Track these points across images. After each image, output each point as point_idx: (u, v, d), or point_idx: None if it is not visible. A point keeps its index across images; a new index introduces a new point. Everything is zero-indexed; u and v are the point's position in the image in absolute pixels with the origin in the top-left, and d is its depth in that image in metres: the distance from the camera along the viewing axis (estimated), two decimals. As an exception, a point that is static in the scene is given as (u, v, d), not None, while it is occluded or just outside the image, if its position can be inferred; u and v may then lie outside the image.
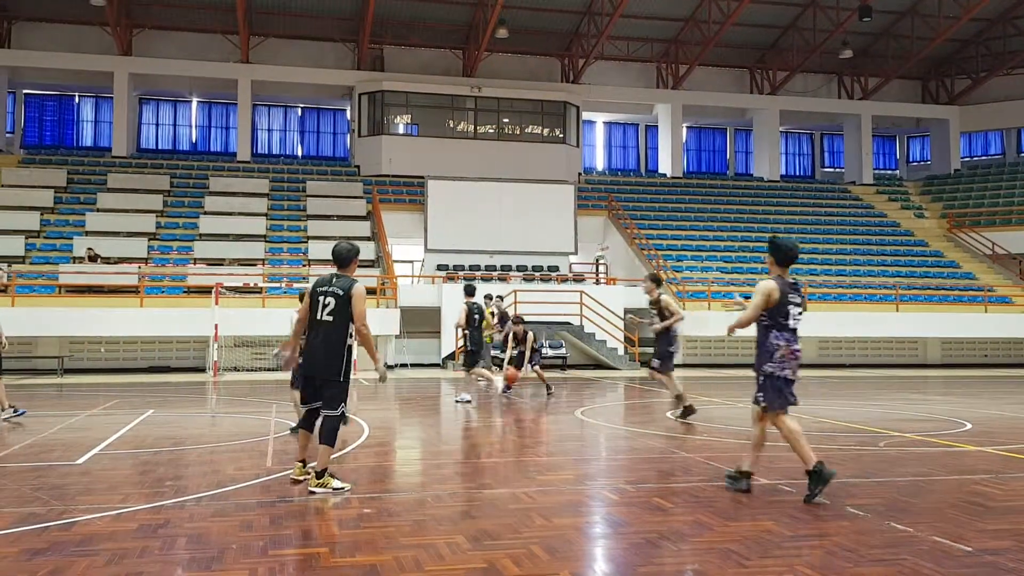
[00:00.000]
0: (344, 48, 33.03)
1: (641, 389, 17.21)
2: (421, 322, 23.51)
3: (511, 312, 17.67)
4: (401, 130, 32.57)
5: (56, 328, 20.55)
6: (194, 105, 34.32)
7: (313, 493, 6.55)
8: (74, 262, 23.36)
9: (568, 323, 23.64)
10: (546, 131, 33.33)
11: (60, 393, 16.05)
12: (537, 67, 34.66)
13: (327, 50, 32.93)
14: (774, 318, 6.45)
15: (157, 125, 34.12)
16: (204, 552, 4.98)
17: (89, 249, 23.29)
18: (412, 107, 32.38)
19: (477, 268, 26.92)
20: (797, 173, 40.23)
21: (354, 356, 7.16)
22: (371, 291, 23.09)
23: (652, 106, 36.45)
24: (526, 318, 23.12)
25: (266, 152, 34.43)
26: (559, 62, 34.94)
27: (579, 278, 27.48)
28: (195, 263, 24.39)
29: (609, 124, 38.34)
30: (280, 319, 20.85)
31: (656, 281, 11.47)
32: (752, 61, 36.38)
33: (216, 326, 19.88)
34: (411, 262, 30.14)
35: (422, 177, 29.23)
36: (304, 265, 25.17)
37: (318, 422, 6.82)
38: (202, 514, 5.95)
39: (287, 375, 13.48)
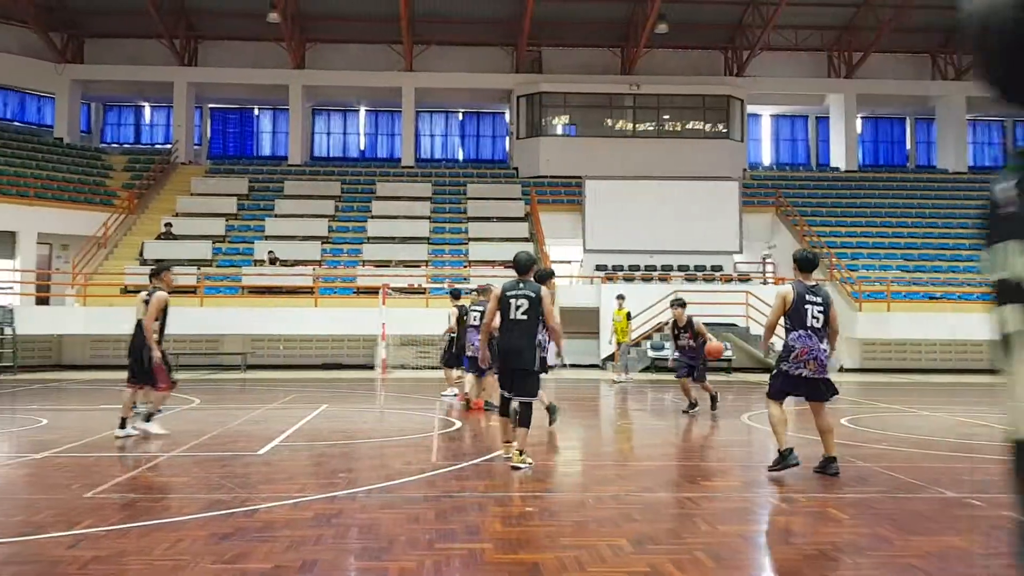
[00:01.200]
0: (502, 52, 33.54)
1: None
2: (580, 323, 23.44)
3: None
4: (559, 131, 32.68)
5: (239, 327, 21.94)
6: (362, 114, 35.85)
7: (516, 468, 7.40)
8: (255, 265, 24.89)
9: (733, 324, 22.92)
10: (708, 126, 32.52)
11: (243, 388, 17.12)
12: (699, 61, 33.90)
13: (486, 55, 33.55)
14: (791, 320, 7.20)
15: (328, 134, 35.89)
16: (374, 543, 5.13)
17: (270, 252, 24.77)
18: (570, 107, 32.43)
19: (637, 268, 26.60)
20: (986, 164, 37.27)
21: (545, 348, 7.94)
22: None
23: (823, 97, 34.79)
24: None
25: (429, 157, 35.48)
26: (722, 55, 34.03)
27: (744, 278, 26.60)
28: (364, 265, 25.42)
29: (776, 117, 36.93)
30: (441, 319, 21.54)
31: (682, 305, 12.72)
32: (935, 45, 34.04)
33: (383, 325, 20.62)
34: (569, 263, 30.15)
35: (580, 177, 29.20)
36: (465, 266, 25.71)
37: (513, 406, 7.74)
38: (372, 506, 6.14)
39: (456, 373, 13.71)
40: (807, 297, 7.16)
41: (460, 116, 35.96)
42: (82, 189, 28.53)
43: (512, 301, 7.60)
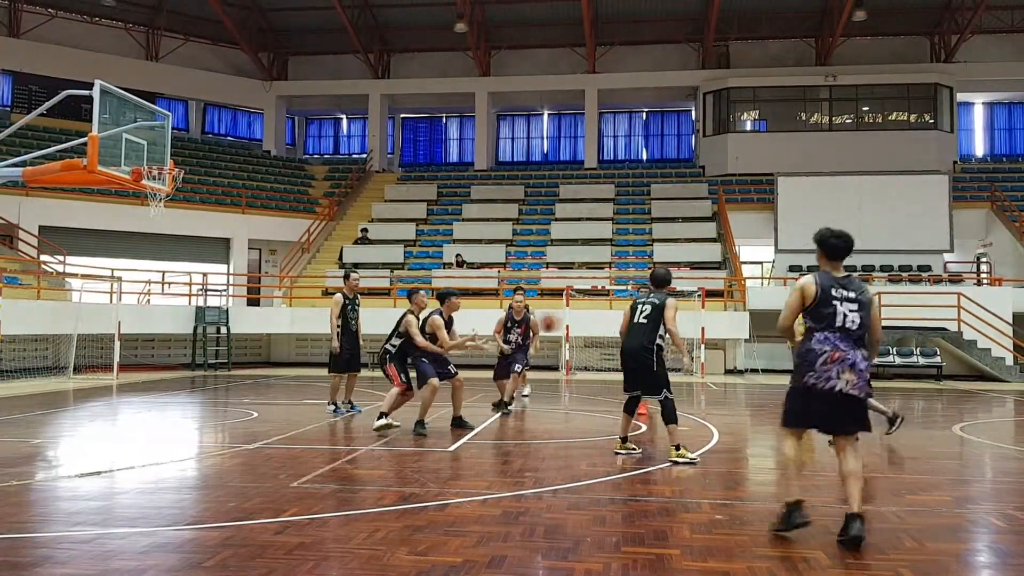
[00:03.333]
0: (688, 48, 32.89)
1: (1035, 404, 14.93)
2: (772, 326, 22.51)
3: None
4: (748, 127, 31.65)
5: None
6: (545, 117, 36.26)
7: (675, 463, 7.81)
8: (443, 267, 25.73)
9: (943, 329, 21.22)
10: (913, 117, 30.39)
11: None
12: (901, 48, 31.75)
13: (670, 52, 33.01)
14: (815, 318, 5.40)
15: (512, 139, 36.58)
16: (561, 543, 5.13)
17: (457, 255, 25.54)
18: (759, 102, 31.30)
19: (834, 268, 25.23)
20: None
21: (666, 351, 8.24)
22: (718, 293, 22.63)
23: (1043, 81, 31.66)
24: (892, 323, 21.34)
25: (611, 158, 35.34)
26: (927, 41, 31.70)
27: (956, 278, 24.57)
28: (547, 267, 25.67)
29: (990, 105, 33.91)
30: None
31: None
32: None
33: (567, 327, 20.70)
34: (760, 263, 29.08)
35: (771, 174, 28.08)
36: (649, 268, 25.34)
37: (652, 407, 8.36)
38: (558, 506, 6.14)
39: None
40: (833, 292, 5.48)
41: (644, 116, 35.59)
42: (287, 198, 30.65)
43: (639, 307, 8.28)
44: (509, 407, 12.05)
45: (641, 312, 8.22)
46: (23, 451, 8.48)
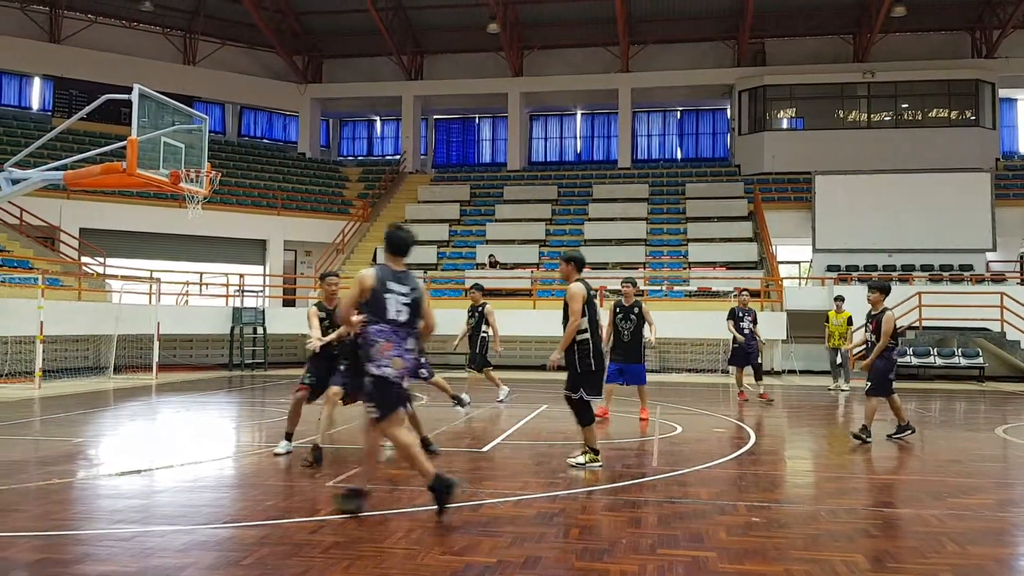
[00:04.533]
0: (723, 46, 32.62)
1: (1081, 407, 14.59)
2: (810, 326, 22.22)
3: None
4: (784, 125, 31.34)
5: (463, 327, 22.72)
6: (578, 117, 36.17)
7: (575, 466, 7.51)
8: (477, 268, 25.77)
9: (985, 329, 20.82)
10: (954, 114, 29.86)
11: (466, 387, 17.72)
12: (941, 44, 31.21)
13: (705, 50, 32.77)
14: (372, 310, 5.67)
15: (545, 139, 36.53)
16: (596, 544, 5.11)
17: (491, 256, 25.57)
18: (796, 100, 30.96)
19: (873, 268, 24.89)
20: None
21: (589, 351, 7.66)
22: (754, 294, 22.37)
23: (1090, 76, 30.94)
24: (933, 323, 20.99)
25: (646, 157, 35.16)
26: (968, 36, 31.13)
27: (999, 278, 24.09)
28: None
29: (1033, 100, 33.25)
30: (661, 321, 21.19)
31: (883, 290, 9.66)
32: None
33: (602, 327, 20.59)
34: (797, 263, 28.76)
35: (808, 173, 27.76)
36: (684, 268, 25.20)
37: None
38: (593, 507, 6.13)
39: (669, 377, 13.46)
40: (389, 285, 5.70)
41: (678, 114, 35.35)
42: (322, 199, 30.92)
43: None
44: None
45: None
46: (65, 450, 8.63)
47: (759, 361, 14.35)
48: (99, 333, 18.99)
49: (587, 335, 7.52)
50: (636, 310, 11.28)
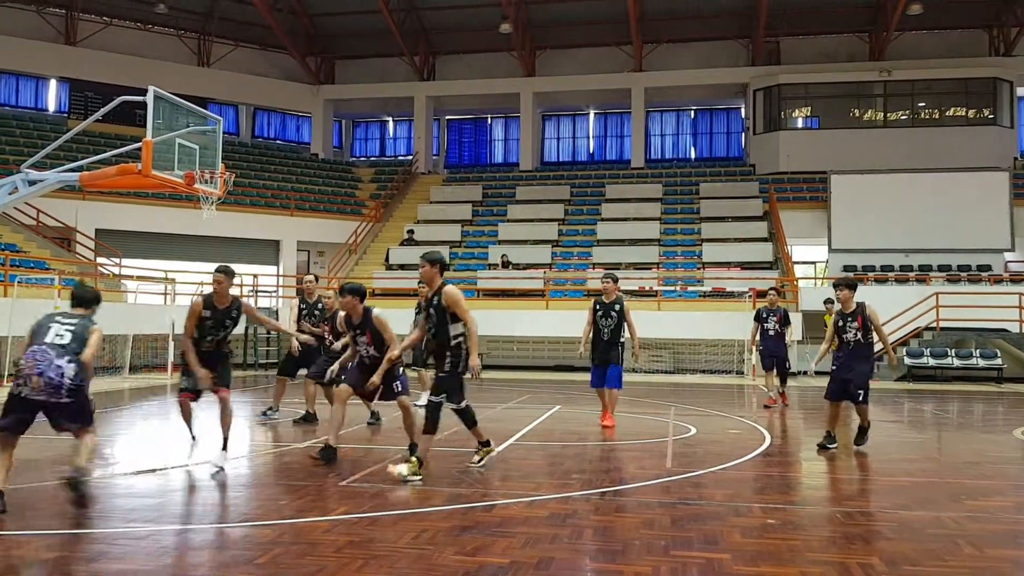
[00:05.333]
0: (737, 45, 32.50)
1: (1101, 408, 14.44)
2: (824, 326, 22.14)
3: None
4: (800, 124, 31.22)
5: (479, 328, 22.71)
6: (591, 117, 36.12)
7: (402, 477, 6.86)
8: (489, 268, 25.77)
9: (1004, 330, 20.63)
10: (971, 112, 29.65)
11: (480, 387, 17.69)
12: (958, 42, 30.99)
13: (719, 49, 32.65)
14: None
15: (558, 139, 36.49)
16: (609, 545, 5.09)
17: (503, 256, 25.55)
18: (812, 99, 30.82)
19: (890, 268, 24.72)
20: None
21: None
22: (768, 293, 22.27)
23: (1110, 73, 30.63)
24: (950, 324, 20.80)
25: (659, 157, 35.06)
26: (985, 34, 30.90)
27: (1018, 277, 23.88)
28: (594, 268, 25.54)
29: (1052, 99, 32.95)
30: (674, 321, 21.13)
31: (852, 287, 8.98)
32: None
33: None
34: (813, 263, 28.62)
35: (824, 172, 27.61)
36: (698, 268, 25.10)
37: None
38: (606, 508, 6.10)
39: (683, 378, 13.40)
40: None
41: (692, 114, 35.25)
42: (335, 200, 31.01)
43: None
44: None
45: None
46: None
47: (787, 365, 13.75)
48: (115, 333, 19.09)
49: (462, 338, 7.02)
50: (617, 307, 10.60)
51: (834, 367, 8.96)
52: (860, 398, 8.70)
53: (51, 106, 31.42)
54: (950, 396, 16.03)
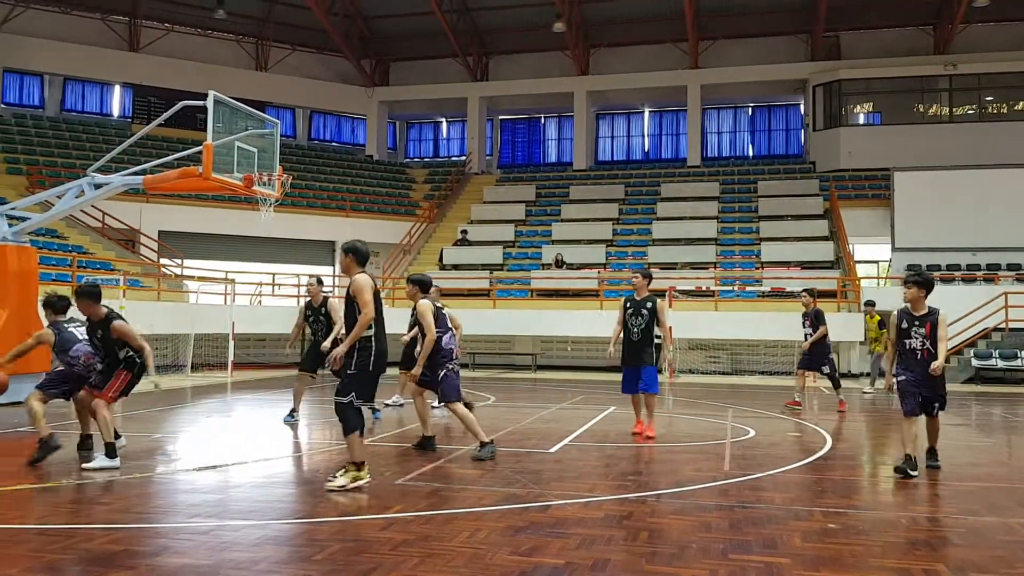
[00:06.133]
0: (796, 40, 31.93)
1: None
2: (888, 328, 21.62)
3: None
4: (861, 120, 30.55)
5: (529, 328, 22.75)
6: (646, 115, 35.82)
7: (333, 489, 6.48)
8: (543, 268, 25.73)
9: (1080, 330, 19.93)
10: (1043, 106, 28.68)
11: (534, 387, 17.72)
12: (1026, 34, 30.02)
13: (777, 44, 32.11)
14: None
15: (612, 138, 36.26)
16: (665, 547, 5.03)
17: (558, 255, 25.48)
18: (873, 94, 30.14)
19: (956, 268, 24.03)
20: None
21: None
22: (830, 294, 21.80)
23: None
24: (1020, 324, 20.11)
25: (716, 155, 34.62)
26: (1054, 25, 29.87)
27: (1089, 276, 23.04)
28: (649, 267, 25.31)
29: None
30: (732, 322, 20.82)
31: (923, 284, 7.74)
32: None
33: (670, 329, 20.36)
34: (876, 262, 27.97)
35: (887, 169, 26.94)
36: (757, 268, 24.72)
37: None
38: (662, 511, 6.03)
39: (742, 380, 13.20)
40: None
41: (749, 111, 34.73)
42: (389, 201, 31.30)
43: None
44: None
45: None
46: (145, 445, 8.88)
47: (826, 368, 13.17)
48: (177, 332, 19.54)
49: (371, 332, 6.67)
50: (649, 305, 9.68)
51: (902, 377, 7.67)
52: (935, 412, 7.70)
53: (115, 111, 32.29)
54: (1020, 399, 15.51)
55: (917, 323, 7.60)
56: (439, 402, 8.55)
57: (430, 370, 8.37)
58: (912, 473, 7.37)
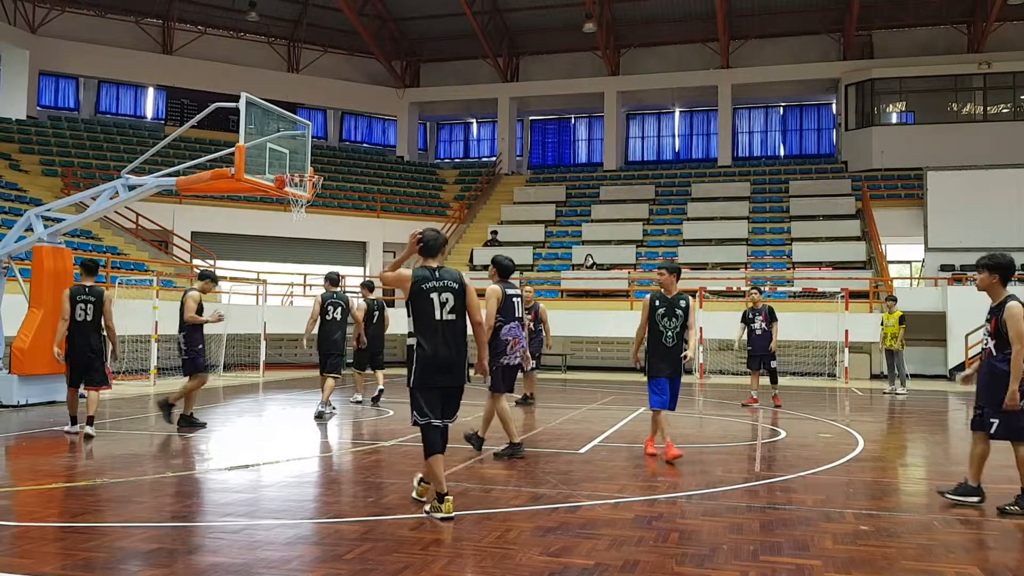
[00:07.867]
0: (827, 39, 31.62)
1: None
2: (921, 329, 21.27)
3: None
4: (894, 119, 30.17)
5: (559, 328, 22.63)
6: (676, 115, 35.64)
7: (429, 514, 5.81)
8: (573, 269, 25.69)
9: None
10: (1080, 104, 28.16)
11: (564, 388, 17.70)
12: (1063, 31, 29.50)
13: (808, 44, 31.82)
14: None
15: (642, 138, 36.12)
16: (696, 549, 5.01)
17: (588, 256, 25.43)
18: (906, 93, 29.75)
19: (989, 267, 23.63)
20: None
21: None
22: (863, 294, 21.58)
23: None
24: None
25: (747, 155, 34.36)
26: (1092, 22, 29.33)
27: None
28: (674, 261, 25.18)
29: None
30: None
31: (993, 267, 6.28)
32: None
33: (700, 329, 20.25)
34: (908, 263, 27.61)
35: (920, 169, 26.60)
36: (788, 268, 24.50)
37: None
38: (693, 512, 6.00)
39: (781, 381, 13.12)
40: (508, 292, 8.03)
41: (780, 110, 34.43)
42: (420, 202, 31.42)
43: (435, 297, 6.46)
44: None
45: (442, 303, 6.54)
46: (178, 445, 9.00)
47: (773, 364, 13.45)
48: (210, 332, 19.71)
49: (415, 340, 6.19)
50: (683, 303, 8.21)
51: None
52: (992, 429, 6.20)
53: (149, 113, 32.76)
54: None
55: (988, 316, 6.28)
56: (491, 389, 8.12)
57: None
58: (967, 500, 6.36)
